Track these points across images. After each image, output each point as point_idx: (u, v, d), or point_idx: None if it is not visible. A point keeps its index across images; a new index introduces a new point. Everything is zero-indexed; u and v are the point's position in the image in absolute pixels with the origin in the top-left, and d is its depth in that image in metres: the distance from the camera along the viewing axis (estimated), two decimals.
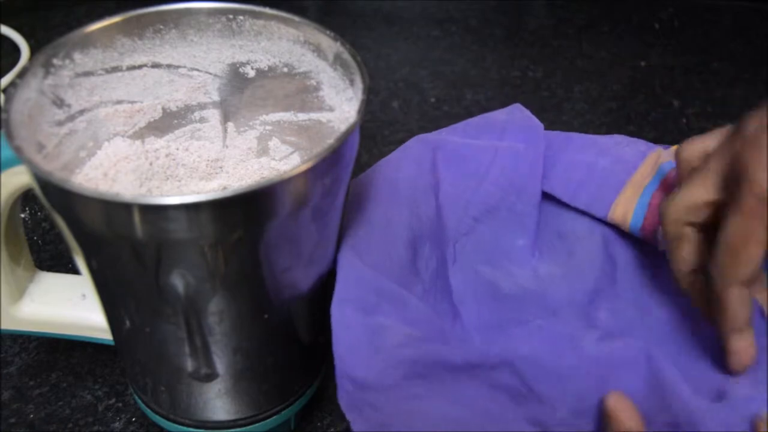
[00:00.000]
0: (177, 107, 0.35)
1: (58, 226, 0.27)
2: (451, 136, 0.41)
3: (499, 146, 0.39)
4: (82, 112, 0.31)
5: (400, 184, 0.37)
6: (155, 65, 0.33)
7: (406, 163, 0.38)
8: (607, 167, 0.39)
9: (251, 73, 0.34)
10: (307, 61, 0.33)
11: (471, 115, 0.61)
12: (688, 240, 0.32)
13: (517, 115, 0.41)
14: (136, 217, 0.23)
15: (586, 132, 0.42)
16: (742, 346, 0.31)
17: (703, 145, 0.33)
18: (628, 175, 0.38)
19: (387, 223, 0.35)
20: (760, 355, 0.32)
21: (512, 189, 0.39)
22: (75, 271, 0.41)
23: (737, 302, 0.30)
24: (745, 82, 0.66)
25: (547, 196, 0.40)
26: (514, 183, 0.39)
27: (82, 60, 0.30)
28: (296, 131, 0.35)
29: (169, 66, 0.33)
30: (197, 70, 0.34)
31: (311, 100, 0.33)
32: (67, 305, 0.35)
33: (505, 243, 0.40)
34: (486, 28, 0.75)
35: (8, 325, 0.35)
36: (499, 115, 0.42)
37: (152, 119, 0.34)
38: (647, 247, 0.38)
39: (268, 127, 0.36)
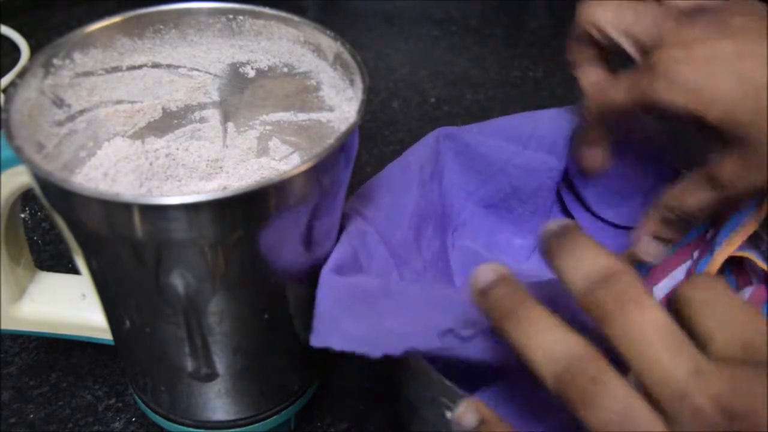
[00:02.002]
0: (177, 107, 0.35)
1: (58, 226, 0.27)
2: (474, 130, 0.40)
3: (516, 155, 0.39)
4: (82, 112, 0.31)
5: (412, 165, 0.37)
6: (155, 65, 0.33)
7: (418, 149, 0.39)
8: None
9: (251, 73, 0.34)
10: (307, 61, 0.33)
11: (471, 114, 0.62)
12: None
13: (546, 124, 0.40)
14: (136, 217, 0.23)
15: None
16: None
17: None
18: None
19: (395, 199, 0.36)
20: None
21: (515, 195, 0.39)
22: (75, 271, 0.40)
23: None
24: None
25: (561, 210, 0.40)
26: (518, 191, 0.39)
27: (82, 60, 0.30)
28: (296, 131, 0.35)
29: (169, 66, 0.33)
30: (197, 70, 0.34)
31: (311, 100, 0.33)
32: (67, 305, 0.35)
33: (502, 238, 0.40)
34: (486, 28, 0.75)
35: (8, 325, 0.35)
36: (531, 119, 0.40)
37: (152, 119, 0.34)
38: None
39: (268, 127, 0.36)
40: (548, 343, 0.22)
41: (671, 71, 0.28)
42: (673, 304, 0.23)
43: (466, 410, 0.25)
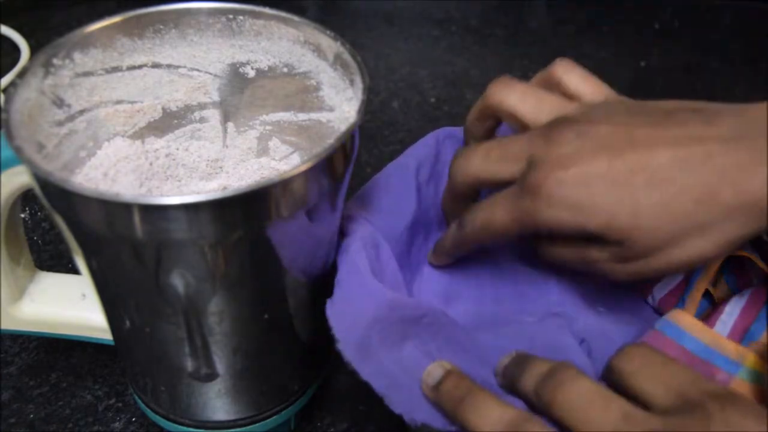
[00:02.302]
0: (177, 107, 0.35)
1: (58, 226, 0.27)
2: None
3: None
4: (82, 112, 0.31)
5: (409, 167, 0.37)
6: (155, 65, 0.33)
7: (418, 149, 0.39)
8: None
9: (251, 73, 0.34)
10: (307, 61, 0.33)
11: None
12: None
13: None
14: (136, 217, 0.23)
15: None
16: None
17: None
18: None
19: (395, 202, 0.36)
20: None
21: None
22: (75, 271, 0.41)
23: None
24: (745, 82, 0.66)
25: None
26: None
27: (82, 60, 0.30)
28: (296, 131, 0.35)
29: (169, 66, 0.33)
30: (197, 70, 0.34)
31: (311, 100, 0.33)
32: (67, 305, 0.35)
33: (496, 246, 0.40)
34: (486, 28, 0.75)
35: (8, 325, 0.35)
36: None
37: (152, 119, 0.34)
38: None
39: (268, 127, 0.36)
40: (491, 416, 0.26)
41: (555, 193, 0.29)
42: (610, 377, 0.28)
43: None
